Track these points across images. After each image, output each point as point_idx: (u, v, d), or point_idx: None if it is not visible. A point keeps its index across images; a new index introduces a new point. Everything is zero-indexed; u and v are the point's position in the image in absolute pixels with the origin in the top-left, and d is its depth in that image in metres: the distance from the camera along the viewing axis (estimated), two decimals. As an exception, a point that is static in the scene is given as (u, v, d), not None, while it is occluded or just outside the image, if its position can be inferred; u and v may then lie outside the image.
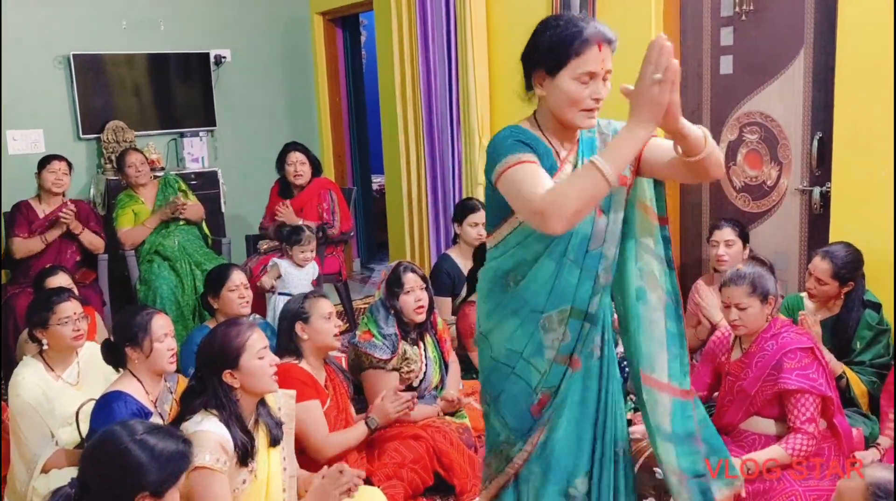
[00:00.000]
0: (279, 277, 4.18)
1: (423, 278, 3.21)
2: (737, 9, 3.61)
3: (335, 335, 2.86)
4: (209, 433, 2.10)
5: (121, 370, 2.64)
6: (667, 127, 1.71)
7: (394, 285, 3.15)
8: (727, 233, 3.40)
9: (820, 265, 2.99)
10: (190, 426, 2.14)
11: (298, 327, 2.82)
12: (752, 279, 2.61)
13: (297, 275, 4.21)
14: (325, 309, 2.86)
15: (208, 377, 2.20)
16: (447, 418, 3.11)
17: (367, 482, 2.74)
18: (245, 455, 2.16)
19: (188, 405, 2.20)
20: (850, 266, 2.98)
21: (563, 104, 1.83)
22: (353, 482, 2.29)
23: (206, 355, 2.25)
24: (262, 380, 2.23)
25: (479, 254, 3.63)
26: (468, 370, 3.63)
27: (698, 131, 1.73)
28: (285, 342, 2.85)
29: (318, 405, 2.74)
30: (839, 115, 3.20)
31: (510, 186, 1.77)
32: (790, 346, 2.57)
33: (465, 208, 4.04)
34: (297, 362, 2.80)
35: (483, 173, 4.66)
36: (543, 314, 1.90)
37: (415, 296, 3.13)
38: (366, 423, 2.86)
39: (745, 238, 3.43)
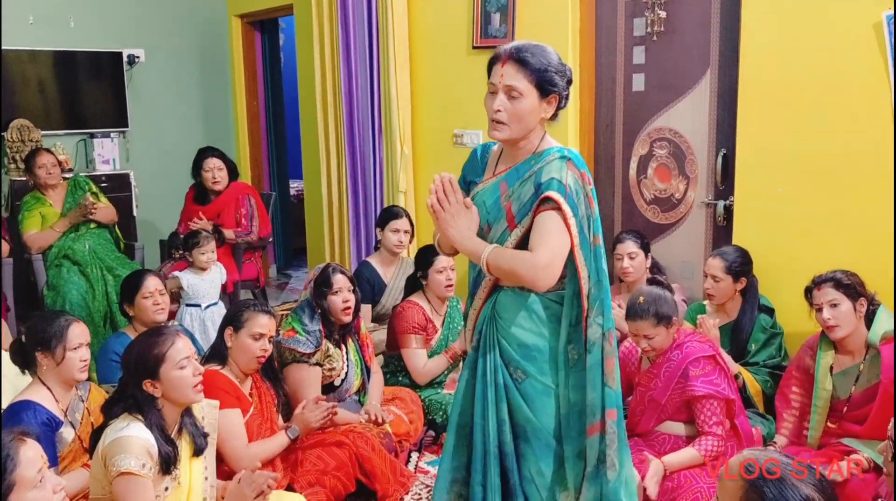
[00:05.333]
0: (181, 288, 4.05)
1: (352, 280, 3.24)
2: (648, 29, 3.79)
3: (257, 358, 2.76)
4: (134, 438, 2.07)
5: (27, 373, 2.56)
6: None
7: (322, 285, 3.17)
8: (630, 246, 3.54)
9: (713, 263, 3.21)
10: (113, 432, 2.10)
11: (228, 332, 2.77)
12: (655, 310, 2.71)
13: (199, 284, 4.05)
14: (257, 328, 2.75)
15: (130, 384, 2.17)
16: (368, 424, 3.13)
17: (290, 489, 2.75)
18: (167, 463, 2.13)
19: (111, 411, 2.16)
20: (740, 261, 3.20)
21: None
22: (268, 483, 2.29)
23: (127, 362, 2.21)
24: (182, 391, 2.19)
25: (419, 258, 3.67)
26: (397, 372, 3.67)
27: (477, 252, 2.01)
28: (217, 345, 2.81)
29: (239, 414, 2.70)
30: (741, 133, 3.40)
31: None
32: (694, 354, 2.73)
33: (388, 215, 4.08)
34: (220, 368, 2.75)
35: (403, 181, 4.74)
36: None
37: (343, 297, 3.16)
38: (286, 433, 2.83)
39: (646, 249, 3.59)
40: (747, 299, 3.22)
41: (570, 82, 2.04)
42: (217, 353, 2.79)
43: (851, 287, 2.69)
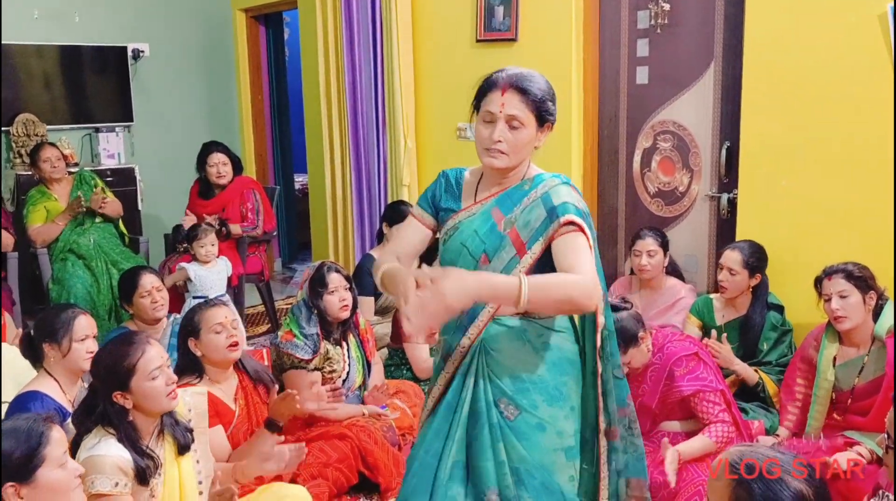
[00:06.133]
0: (188, 280, 4.09)
1: (347, 278, 3.22)
2: (652, 22, 3.78)
3: (228, 347, 2.67)
4: (105, 458, 1.99)
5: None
6: None
7: (318, 284, 3.14)
8: (650, 243, 3.48)
9: (730, 256, 3.19)
10: (85, 450, 2.02)
11: (191, 343, 2.68)
12: (621, 338, 2.64)
13: (207, 276, 4.09)
14: (214, 320, 2.66)
15: (100, 396, 2.08)
16: (371, 416, 3.14)
17: (293, 481, 2.75)
18: (144, 476, 2.05)
19: (82, 424, 2.08)
20: (756, 255, 3.19)
21: (477, 144, 1.93)
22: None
23: (96, 374, 2.12)
24: (155, 402, 2.09)
25: (425, 255, 3.66)
26: (401, 365, 3.67)
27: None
28: (186, 359, 2.71)
29: (219, 431, 2.63)
30: (745, 126, 3.39)
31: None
32: (676, 355, 2.73)
33: (395, 212, 4.06)
34: (196, 381, 2.67)
35: (407, 175, 4.74)
36: None
37: (339, 296, 3.13)
38: (265, 426, 2.68)
39: (665, 247, 3.54)
40: (758, 295, 3.21)
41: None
42: (189, 366, 2.69)
43: (862, 280, 2.68)
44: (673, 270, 3.65)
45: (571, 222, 1.85)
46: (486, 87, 1.91)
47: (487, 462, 1.91)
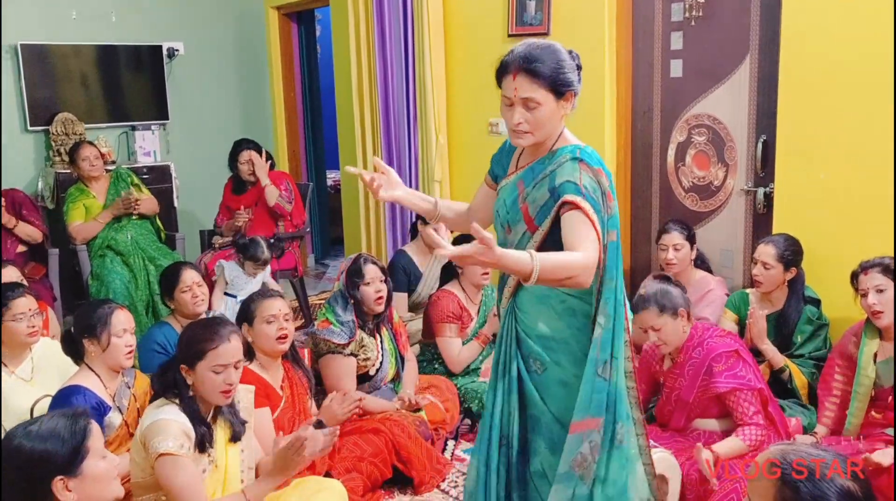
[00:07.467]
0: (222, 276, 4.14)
1: (383, 270, 3.27)
2: (686, 14, 3.73)
3: (277, 339, 2.77)
4: (170, 421, 2.11)
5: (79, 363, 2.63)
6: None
7: (354, 275, 3.19)
8: (676, 237, 3.48)
9: (764, 250, 3.15)
10: (150, 416, 2.15)
11: (244, 328, 2.78)
12: (657, 299, 2.71)
13: (244, 278, 4.15)
14: (268, 311, 2.77)
15: (174, 363, 2.22)
16: (404, 411, 3.16)
17: (328, 475, 2.78)
18: (202, 442, 2.17)
19: (155, 382, 2.25)
20: (791, 249, 3.14)
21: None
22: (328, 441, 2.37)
23: (178, 341, 2.28)
24: (209, 392, 2.20)
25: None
26: (433, 360, 3.69)
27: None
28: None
29: (268, 413, 2.70)
30: (782, 119, 3.34)
31: None
32: (716, 351, 2.70)
33: None
34: (247, 364, 2.70)
35: (439, 171, 4.74)
36: None
37: (375, 287, 3.18)
38: (314, 427, 2.82)
39: (692, 240, 3.53)
40: (794, 289, 3.17)
41: (580, 68, 1.99)
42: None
43: None
44: (701, 263, 3.63)
45: (568, 202, 1.89)
46: (501, 71, 1.97)
47: (499, 409, 2.08)
